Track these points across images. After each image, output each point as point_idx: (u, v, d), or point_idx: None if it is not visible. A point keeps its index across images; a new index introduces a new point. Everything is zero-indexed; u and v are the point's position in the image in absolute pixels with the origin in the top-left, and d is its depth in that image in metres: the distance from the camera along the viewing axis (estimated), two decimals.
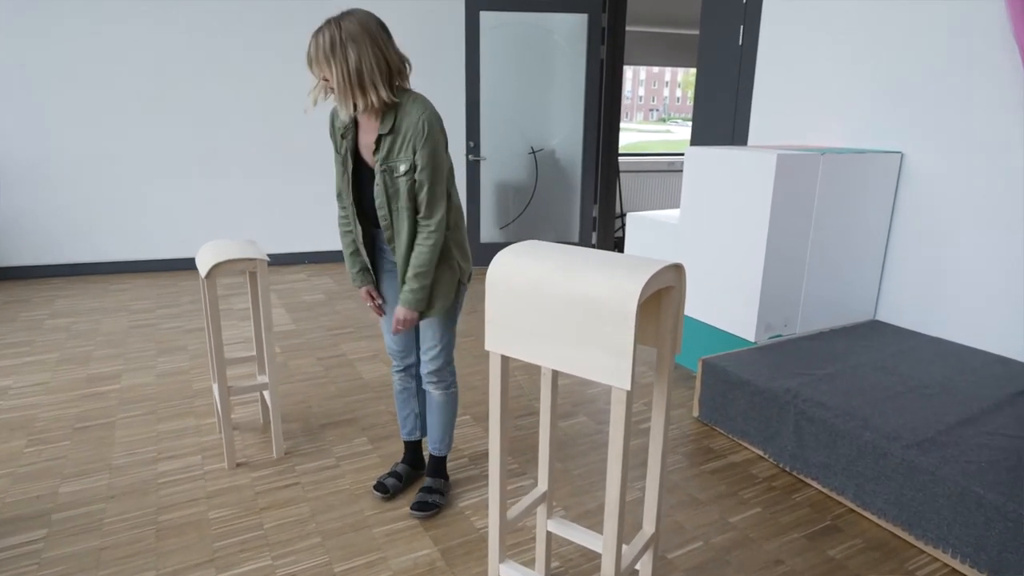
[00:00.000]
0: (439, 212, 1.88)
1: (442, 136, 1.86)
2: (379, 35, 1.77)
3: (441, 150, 1.86)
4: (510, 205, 5.40)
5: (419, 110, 1.81)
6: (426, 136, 1.81)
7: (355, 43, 1.73)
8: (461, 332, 3.88)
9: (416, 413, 2.28)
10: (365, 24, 1.75)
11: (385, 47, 1.78)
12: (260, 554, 1.96)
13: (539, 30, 5.06)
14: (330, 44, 1.73)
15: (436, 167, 1.84)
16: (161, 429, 2.69)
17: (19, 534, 2.03)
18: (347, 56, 1.73)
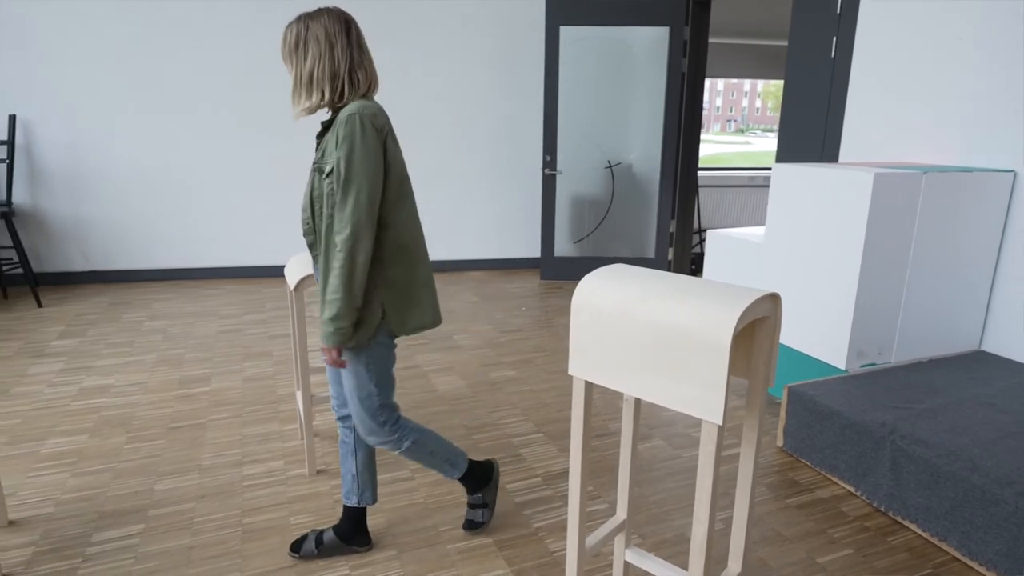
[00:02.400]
0: (345, 229, 1.63)
1: (365, 142, 1.63)
2: (340, 39, 1.69)
3: (358, 157, 1.62)
4: (585, 219, 5.36)
5: (351, 109, 1.65)
6: (343, 136, 1.63)
7: (317, 43, 1.68)
8: (537, 347, 3.86)
9: (353, 474, 2.00)
10: (329, 27, 1.69)
11: (344, 53, 1.69)
12: (337, 563, 2.00)
13: (618, 44, 5.02)
14: (294, 41, 1.70)
15: (347, 174, 1.62)
16: (246, 433, 2.80)
17: (119, 528, 2.15)
18: (305, 55, 1.69)
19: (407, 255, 1.76)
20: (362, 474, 2.00)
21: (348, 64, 1.70)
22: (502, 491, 2.39)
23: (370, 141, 1.63)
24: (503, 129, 5.55)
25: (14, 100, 4.64)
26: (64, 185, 4.87)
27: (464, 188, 5.59)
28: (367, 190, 1.63)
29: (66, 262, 5.02)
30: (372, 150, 1.64)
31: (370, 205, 1.64)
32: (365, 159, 1.63)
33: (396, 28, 5.15)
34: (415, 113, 5.34)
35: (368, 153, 1.63)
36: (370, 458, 2.02)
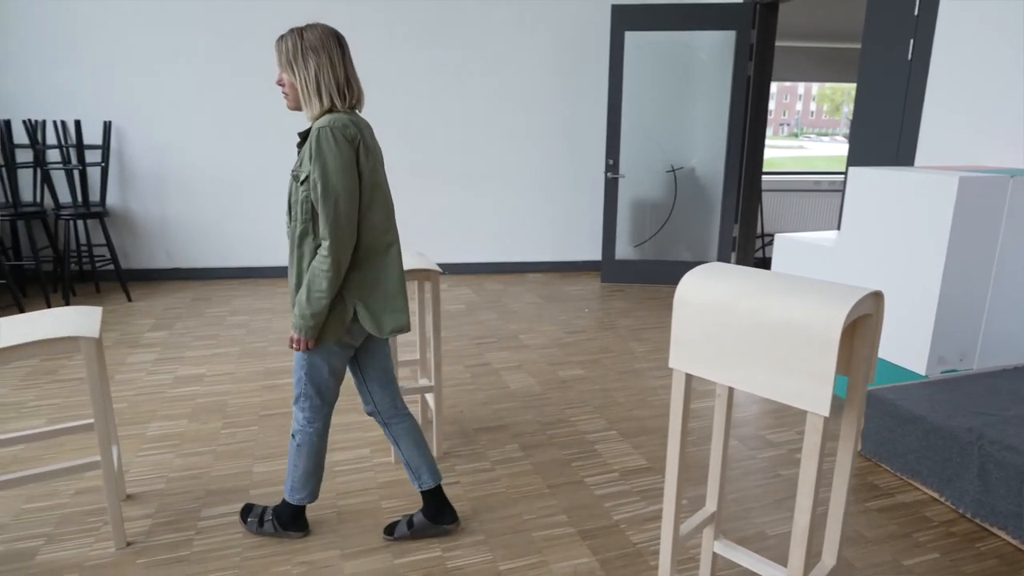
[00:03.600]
0: (328, 232, 1.75)
1: (340, 154, 1.73)
2: (335, 51, 1.81)
3: (332, 169, 1.73)
4: (646, 223, 5.39)
5: (322, 122, 1.76)
6: (316, 150, 1.74)
7: (315, 53, 1.79)
8: (603, 348, 3.92)
9: (404, 462, 2.11)
10: (325, 39, 1.80)
11: (339, 64, 1.82)
12: (429, 545, 2.10)
13: (683, 47, 5.04)
14: (292, 52, 1.80)
15: (324, 186, 1.74)
16: (335, 422, 2.94)
17: (226, 505, 2.30)
18: (307, 64, 1.79)
19: (379, 257, 1.88)
20: (412, 459, 2.11)
21: (345, 74, 1.83)
22: (581, 483, 2.46)
23: (344, 151, 1.75)
24: (564, 133, 5.63)
25: (109, 107, 4.95)
26: (151, 187, 5.17)
27: (525, 191, 5.68)
28: (344, 198, 1.76)
29: (150, 259, 5.32)
30: (346, 161, 1.75)
31: (348, 212, 1.77)
32: (340, 170, 1.75)
33: (459, 32, 5.29)
34: (477, 116, 5.46)
35: (343, 164, 1.75)
36: (415, 443, 2.11)
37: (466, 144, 5.51)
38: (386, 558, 2.04)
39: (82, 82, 4.88)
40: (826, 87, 44.57)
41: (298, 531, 2.12)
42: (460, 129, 5.47)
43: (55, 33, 4.76)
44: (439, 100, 5.38)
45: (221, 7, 4.92)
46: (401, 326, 1.94)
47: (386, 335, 1.92)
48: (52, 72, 4.82)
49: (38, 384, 3.29)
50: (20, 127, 4.86)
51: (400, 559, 2.04)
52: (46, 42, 4.76)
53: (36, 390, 3.22)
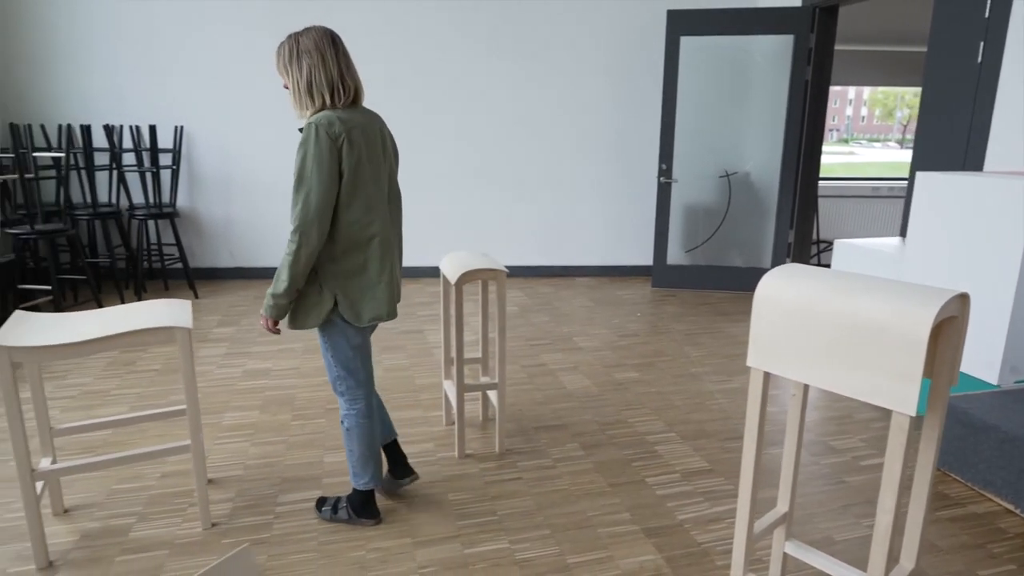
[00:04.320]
0: (295, 221, 1.86)
1: (318, 149, 1.83)
2: (329, 51, 1.92)
3: (311, 160, 1.84)
4: (699, 228, 5.37)
5: (311, 119, 1.87)
6: (300, 143, 1.86)
7: (309, 56, 1.90)
8: (657, 352, 3.93)
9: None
10: (319, 41, 1.92)
11: (334, 63, 1.92)
12: (497, 537, 2.16)
13: (739, 52, 5.02)
14: (288, 55, 1.92)
15: (300, 175, 1.86)
16: (395, 417, 3.03)
17: (300, 492, 2.41)
18: (300, 66, 1.91)
19: (359, 251, 1.97)
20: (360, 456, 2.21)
21: (339, 73, 1.93)
22: (643, 483, 2.48)
23: (323, 148, 1.84)
24: (617, 138, 5.65)
25: (181, 113, 5.19)
26: (216, 189, 5.38)
27: (576, 195, 5.72)
28: (317, 192, 1.85)
29: (215, 258, 5.54)
30: (325, 156, 1.84)
31: (320, 205, 1.86)
32: (317, 165, 1.84)
33: (513, 37, 5.36)
34: (531, 122, 5.53)
35: (320, 159, 1.84)
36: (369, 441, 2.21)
37: (520, 149, 5.58)
38: (456, 548, 2.10)
39: (157, 89, 5.12)
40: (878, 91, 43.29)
41: (370, 518, 2.20)
42: (514, 134, 5.55)
43: (134, 43, 5.01)
44: (495, 107, 5.46)
45: (287, 17, 5.11)
46: (380, 316, 2.03)
47: (364, 324, 2.02)
48: (130, 79, 5.08)
49: (118, 374, 3.48)
50: (99, 132, 5.13)
51: (469, 549, 2.10)
52: (126, 51, 5.02)
53: (117, 380, 3.41)
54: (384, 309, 2.04)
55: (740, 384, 3.46)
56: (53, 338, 1.90)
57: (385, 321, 2.08)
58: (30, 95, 5.00)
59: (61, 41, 4.94)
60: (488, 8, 5.28)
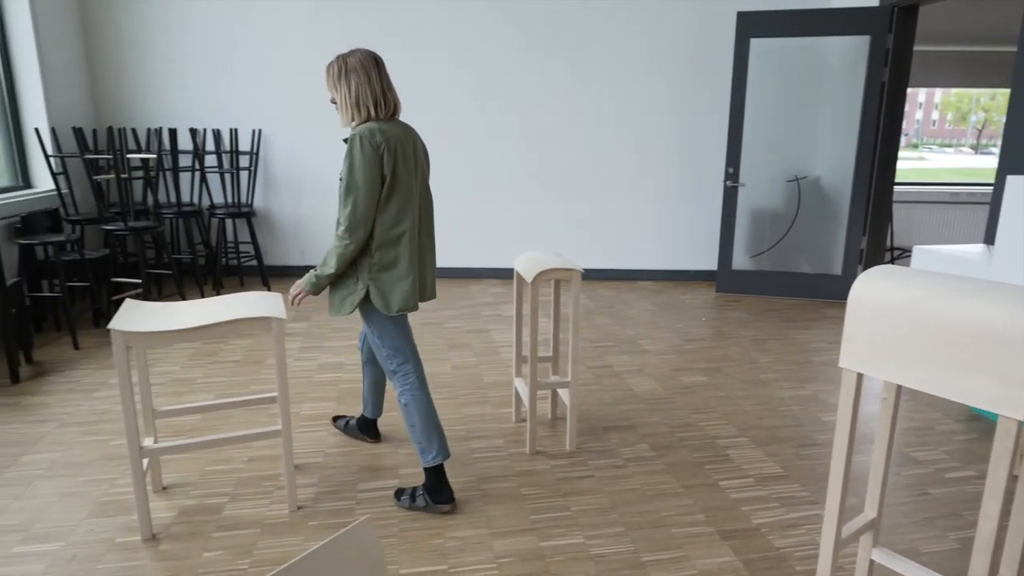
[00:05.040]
0: (345, 221, 2.09)
1: (363, 157, 2.05)
2: (373, 71, 2.16)
3: (357, 167, 2.06)
4: (765, 233, 5.27)
5: (356, 131, 2.09)
6: (347, 153, 2.09)
7: (356, 74, 2.14)
8: (724, 357, 3.88)
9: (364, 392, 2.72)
10: (365, 61, 2.15)
11: (377, 81, 2.16)
12: (572, 532, 2.19)
13: (811, 53, 4.92)
14: (338, 73, 2.15)
15: (348, 183, 2.08)
16: (466, 413, 3.10)
17: (378, 480, 2.49)
18: (349, 83, 2.14)
19: (392, 247, 2.17)
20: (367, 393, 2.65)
21: (381, 89, 2.16)
22: (715, 486, 2.47)
23: (367, 156, 2.06)
24: (681, 141, 5.61)
25: (257, 117, 5.43)
26: (288, 190, 5.60)
27: (639, 199, 5.70)
28: (363, 194, 2.08)
29: (286, 256, 5.76)
30: (369, 164, 2.06)
31: (365, 207, 2.09)
32: (362, 171, 2.06)
33: (577, 38, 5.39)
34: (594, 125, 5.54)
35: (365, 167, 2.06)
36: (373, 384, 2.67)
37: (582, 152, 5.61)
38: (531, 540, 2.15)
39: (238, 95, 5.37)
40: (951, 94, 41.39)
41: (446, 503, 2.28)
42: (577, 137, 5.57)
43: (218, 52, 5.28)
44: (557, 109, 5.51)
45: (357, 30, 5.28)
46: (407, 307, 2.21)
47: (393, 313, 2.20)
48: (214, 86, 5.34)
49: (203, 364, 3.66)
50: (184, 135, 5.41)
51: (545, 542, 2.13)
52: (207, 59, 5.29)
53: (202, 369, 3.59)
54: (412, 301, 2.22)
55: (812, 391, 3.39)
56: (163, 324, 2.04)
57: (412, 311, 2.30)
58: (124, 101, 5.32)
59: (152, 51, 5.24)
60: (552, 9, 5.33)
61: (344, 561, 1.04)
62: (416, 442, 2.28)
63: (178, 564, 2.01)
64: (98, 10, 5.13)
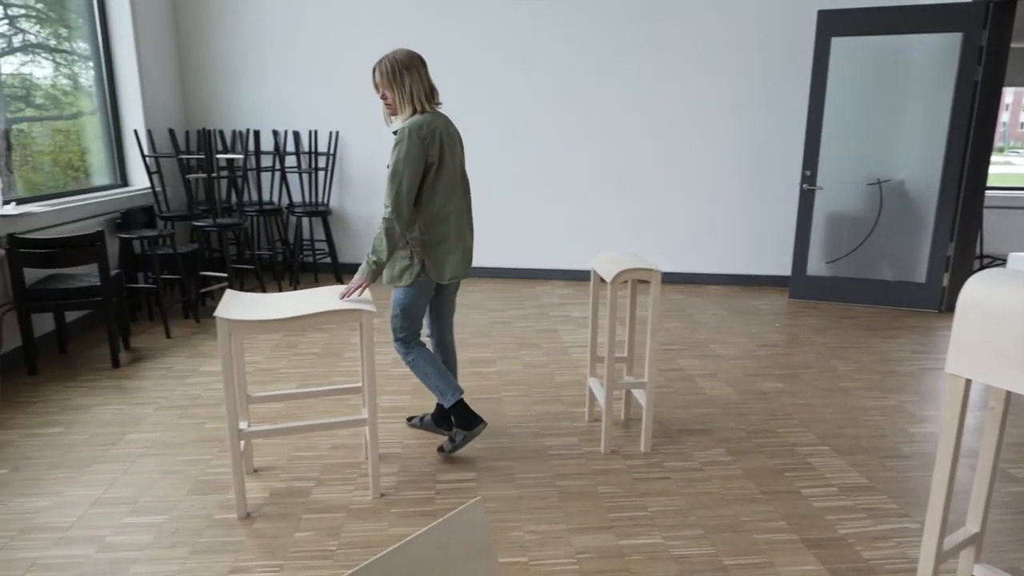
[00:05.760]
0: (391, 204, 2.32)
1: (410, 148, 2.29)
2: (420, 69, 2.38)
3: (403, 156, 2.30)
4: (843, 238, 5.10)
5: (407, 123, 2.33)
6: (396, 142, 2.32)
7: (407, 72, 2.35)
8: (801, 364, 3.78)
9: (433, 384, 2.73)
10: (413, 59, 2.37)
11: (424, 78, 2.39)
12: (650, 532, 2.19)
13: (894, 52, 4.73)
14: (391, 73, 2.35)
15: (394, 170, 2.31)
16: (538, 411, 3.13)
17: (458, 472, 2.55)
18: (403, 81, 2.35)
19: (442, 224, 2.45)
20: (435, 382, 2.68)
21: (428, 84, 2.41)
22: (797, 493, 2.42)
23: (414, 147, 2.31)
24: (756, 142, 5.49)
25: (335, 120, 5.62)
26: (361, 190, 5.77)
27: (710, 201, 5.61)
28: (406, 181, 2.32)
29: (358, 254, 5.93)
30: (414, 154, 2.31)
31: (408, 192, 2.33)
32: (407, 161, 2.31)
33: (649, 39, 5.35)
34: (666, 125, 5.49)
35: (410, 157, 2.31)
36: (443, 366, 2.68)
37: (651, 153, 5.56)
38: (610, 538, 2.15)
39: (318, 98, 5.57)
40: None
41: (479, 423, 2.57)
42: (646, 138, 5.53)
43: (296, 57, 5.49)
44: (627, 110, 5.48)
45: (434, 30, 5.40)
46: (457, 274, 2.53)
47: (446, 281, 2.51)
48: (293, 89, 5.56)
49: (284, 356, 3.82)
50: (267, 136, 5.66)
51: (624, 540, 2.14)
52: (289, 64, 5.51)
53: (284, 360, 3.75)
54: (461, 269, 2.54)
55: (896, 401, 3.26)
56: (261, 314, 2.15)
57: (461, 279, 2.59)
58: (212, 104, 5.60)
59: (238, 57, 5.50)
60: (624, 10, 5.31)
61: (456, 540, 1.08)
62: (435, 388, 2.55)
63: (272, 542, 2.12)
64: (190, 21, 5.43)
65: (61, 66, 4.36)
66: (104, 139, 4.88)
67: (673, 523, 2.24)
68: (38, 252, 3.42)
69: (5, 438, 2.79)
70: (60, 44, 4.33)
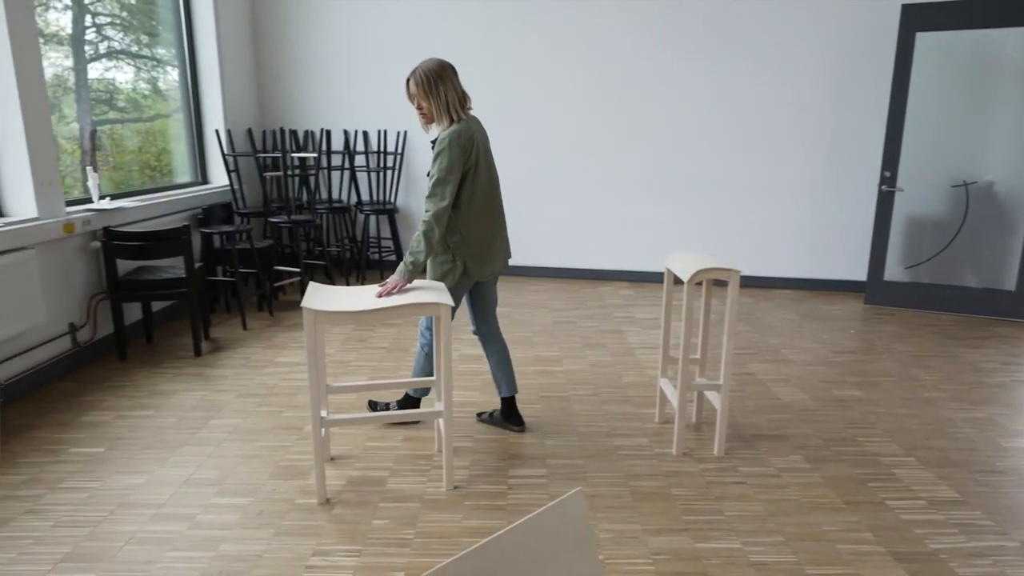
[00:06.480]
0: (433, 209, 2.42)
1: (451, 158, 2.39)
2: (453, 78, 2.46)
3: (446, 168, 2.39)
4: (923, 242, 4.87)
5: (449, 131, 2.42)
6: (441, 149, 2.41)
7: (442, 82, 2.42)
8: (881, 372, 3.63)
9: (491, 372, 2.85)
10: (443, 68, 2.45)
11: (457, 86, 2.46)
12: (727, 536, 2.14)
13: (983, 46, 4.49)
14: (427, 84, 2.42)
15: (438, 178, 2.41)
16: (607, 410, 3.10)
17: (527, 468, 2.56)
18: (439, 91, 2.42)
19: (480, 225, 2.54)
20: (496, 373, 2.80)
21: (462, 92, 2.48)
22: (882, 504, 2.32)
23: (455, 156, 2.41)
24: (830, 142, 5.30)
25: (402, 119, 5.72)
26: (427, 189, 5.85)
27: (781, 203, 5.45)
28: (450, 188, 2.42)
29: None
30: (456, 163, 2.41)
31: (450, 200, 2.43)
32: (450, 170, 2.41)
33: (720, 36, 5.24)
34: (737, 124, 5.36)
35: (453, 165, 2.41)
36: (500, 361, 2.79)
37: (718, 153, 5.44)
38: (686, 540, 2.12)
39: (385, 99, 5.69)
40: None
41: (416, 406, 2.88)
42: (713, 137, 5.42)
43: (365, 59, 5.63)
44: (693, 109, 5.38)
45: (499, 34, 5.44)
46: (497, 270, 2.66)
47: (486, 279, 2.63)
48: (363, 91, 5.70)
49: (355, 349, 3.92)
50: (338, 136, 5.82)
51: (700, 543, 2.10)
52: (359, 66, 5.65)
53: (354, 353, 3.84)
54: (500, 265, 2.67)
55: (987, 414, 3.09)
56: (345, 306, 2.21)
57: (501, 274, 2.70)
58: (285, 104, 5.80)
59: (311, 60, 5.67)
60: (695, 6, 5.22)
61: (558, 530, 1.08)
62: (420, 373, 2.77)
63: (351, 528, 2.17)
64: (266, 27, 5.63)
65: (142, 71, 4.59)
66: (187, 139, 5.12)
67: (751, 529, 2.18)
68: (130, 244, 3.62)
69: (100, 419, 2.95)
70: (141, 50, 4.56)
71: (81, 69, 3.95)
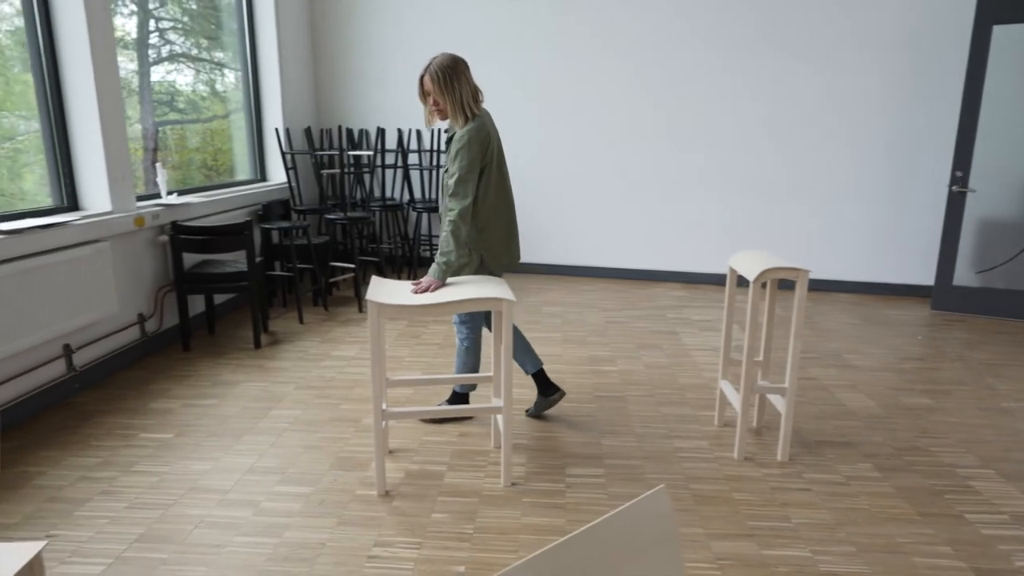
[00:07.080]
0: (458, 207, 2.47)
1: (470, 155, 2.44)
2: (467, 73, 2.49)
3: (467, 166, 2.44)
4: (996, 246, 4.64)
5: (467, 127, 2.46)
6: (460, 146, 2.44)
7: (458, 79, 2.44)
8: (952, 380, 3.47)
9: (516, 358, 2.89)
10: (456, 63, 2.46)
11: (470, 81, 2.49)
12: (795, 544, 2.07)
13: None
14: (444, 80, 2.43)
15: (459, 176, 2.45)
16: (664, 412, 3.05)
17: (585, 467, 2.53)
18: (454, 88, 2.43)
19: (495, 218, 2.60)
20: (517, 356, 2.84)
21: (474, 87, 2.51)
22: (960, 518, 2.21)
23: (475, 152, 2.45)
24: (896, 140, 5.10)
25: None
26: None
27: (843, 203, 5.27)
28: (472, 185, 2.49)
29: None
30: (476, 159, 2.46)
31: (472, 195, 2.49)
32: (470, 167, 2.46)
33: (783, 30, 5.10)
34: (796, 120, 5.21)
35: (473, 162, 2.46)
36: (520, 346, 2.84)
37: (775, 152, 5.29)
38: (751, 546, 2.06)
39: None
40: None
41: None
42: (771, 136, 5.28)
43: (422, 59, 5.68)
44: (752, 106, 5.25)
45: (550, 35, 5.42)
46: (513, 261, 2.74)
47: (499, 272, 2.73)
48: (415, 90, 5.75)
49: (408, 345, 3.95)
50: (392, 135, 5.90)
51: (767, 551, 2.04)
52: (412, 67, 5.71)
53: (408, 349, 3.88)
54: (514, 257, 2.74)
55: None
56: (407, 300, 2.23)
57: (515, 266, 2.76)
58: (341, 104, 5.91)
59: (366, 61, 5.76)
60: (757, 2, 5.09)
61: (641, 528, 1.06)
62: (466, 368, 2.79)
63: (412, 520, 2.18)
64: (324, 29, 5.74)
65: (201, 73, 4.73)
66: (248, 138, 5.26)
67: (820, 537, 2.11)
68: (196, 239, 3.73)
69: (168, 406, 3.05)
70: (200, 54, 4.70)
71: (144, 72, 4.10)
